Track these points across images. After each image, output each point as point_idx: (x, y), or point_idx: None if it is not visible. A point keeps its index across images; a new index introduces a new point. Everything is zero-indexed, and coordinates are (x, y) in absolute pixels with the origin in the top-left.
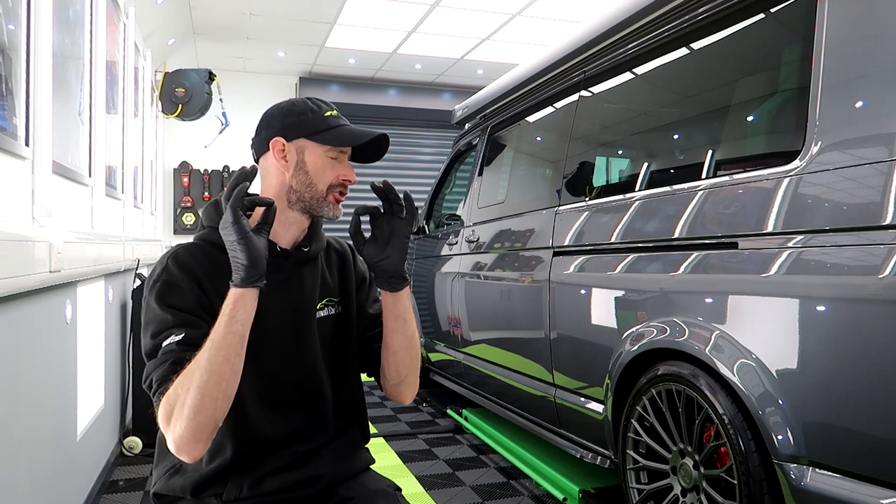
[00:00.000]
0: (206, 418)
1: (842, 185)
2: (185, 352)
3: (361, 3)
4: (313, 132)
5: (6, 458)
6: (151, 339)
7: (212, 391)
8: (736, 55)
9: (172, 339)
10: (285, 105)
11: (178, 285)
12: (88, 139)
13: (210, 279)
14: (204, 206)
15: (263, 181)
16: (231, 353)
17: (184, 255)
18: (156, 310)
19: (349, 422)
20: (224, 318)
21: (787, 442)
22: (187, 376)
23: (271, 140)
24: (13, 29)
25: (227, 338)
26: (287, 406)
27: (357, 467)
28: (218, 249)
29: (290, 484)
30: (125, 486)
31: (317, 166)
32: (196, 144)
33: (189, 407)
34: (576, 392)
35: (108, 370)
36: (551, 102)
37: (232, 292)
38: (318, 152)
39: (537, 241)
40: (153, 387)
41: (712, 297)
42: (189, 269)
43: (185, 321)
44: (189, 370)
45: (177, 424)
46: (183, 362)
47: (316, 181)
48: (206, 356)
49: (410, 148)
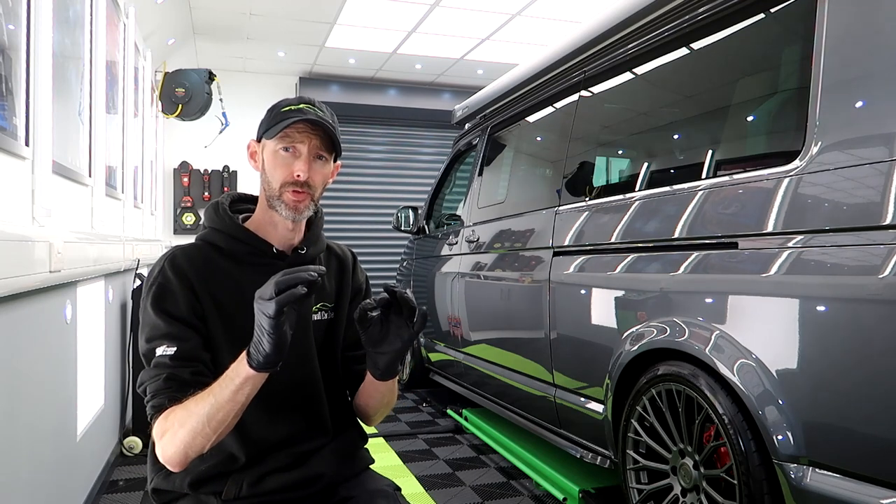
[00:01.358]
0: (194, 451)
1: (842, 185)
2: (178, 367)
3: (361, 3)
4: (266, 129)
5: (6, 458)
6: (146, 342)
7: (205, 435)
8: (736, 55)
9: (164, 350)
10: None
11: (171, 290)
12: (88, 139)
13: (205, 283)
14: (205, 207)
15: (260, 185)
16: (230, 414)
17: (180, 259)
18: (150, 314)
19: (347, 422)
20: (231, 385)
21: (787, 442)
22: (184, 415)
23: (250, 143)
24: (13, 29)
25: (229, 404)
26: (285, 407)
27: (357, 467)
28: (216, 251)
29: (289, 483)
30: (125, 485)
31: (269, 163)
32: (196, 144)
33: (181, 440)
34: (576, 392)
35: (108, 370)
36: (551, 102)
37: (244, 370)
38: (271, 148)
39: (537, 241)
40: (146, 397)
41: (712, 297)
42: (184, 273)
43: (176, 333)
44: (188, 412)
45: (168, 446)
46: (175, 378)
47: (271, 179)
48: (205, 410)
49: (410, 148)
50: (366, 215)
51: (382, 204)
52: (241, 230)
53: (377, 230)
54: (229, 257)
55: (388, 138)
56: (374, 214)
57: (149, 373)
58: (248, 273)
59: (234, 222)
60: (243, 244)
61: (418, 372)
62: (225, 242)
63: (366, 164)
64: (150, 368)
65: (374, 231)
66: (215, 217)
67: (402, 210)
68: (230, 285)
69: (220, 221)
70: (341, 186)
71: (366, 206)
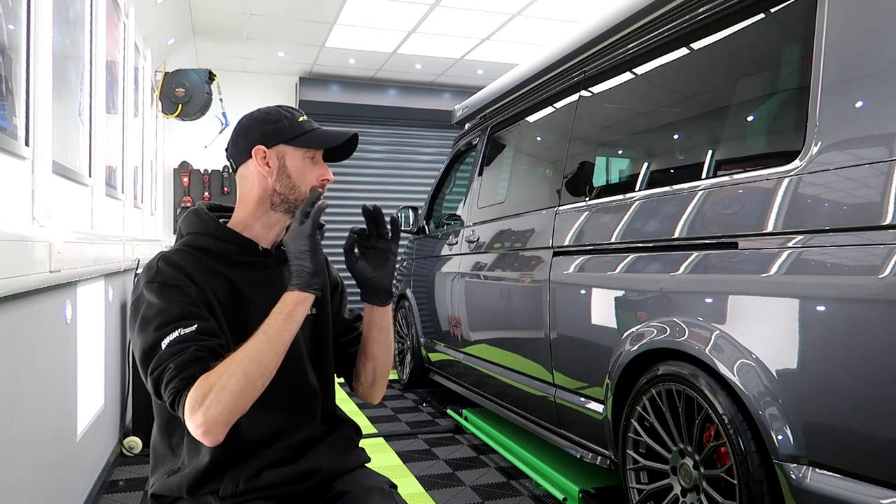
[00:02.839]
0: (244, 404)
1: (842, 185)
2: (205, 340)
3: (361, 3)
4: (291, 137)
5: (6, 458)
6: (156, 331)
7: (256, 380)
8: (736, 55)
9: (184, 330)
10: (258, 115)
11: (175, 283)
12: (88, 139)
13: (203, 278)
14: (182, 216)
15: (242, 188)
16: (281, 348)
17: (173, 257)
18: (158, 304)
19: (339, 416)
20: (282, 315)
21: (787, 442)
22: (232, 363)
23: (253, 149)
24: (13, 29)
25: (282, 334)
26: (276, 398)
27: (352, 463)
28: (204, 253)
29: (286, 478)
30: (125, 486)
31: (297, 169)
32: (196, 144)
33: (231, 391)
34: (576, 392)
35: (108, 370)
36: (551, 102)
37: (294, 294)
38: (297, 156)
39: (537, 241)
40: (169, 374)
41: (712, 297)
42: (182, 268)
43: (192, 314)
44: (235, 358)
45: (212, 406)
46: (205, 348)
47: (298, 183)
48: (256, 347)
49: (410, 148)
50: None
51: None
52: (227, 231)
53: None
54: (218, 258)
55: (388, 138)
56: None
57: (169, 350)
58: (238, 272)
59: (219, 224)
60: (231, 244)
61: (418, 372)
62: (213, 244)
63: (366, 164)
64: (170, 347)
65: None
66: (198, 221)
67: (402, 210)
68: (224, 284)
69: (205, 225)
70: (341, 186)
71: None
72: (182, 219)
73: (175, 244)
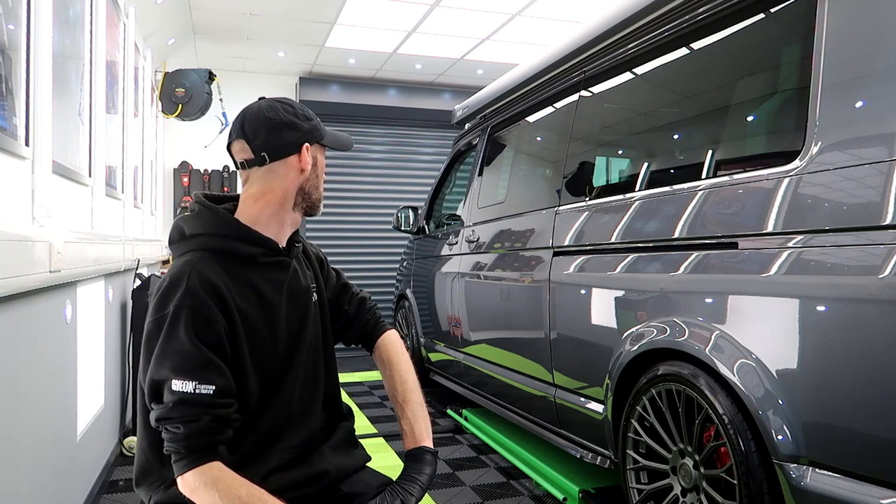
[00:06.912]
0: None
1: (842, 185)
2: (220, 407)
3: (361, 3)
4: (321, 137)
5: (6, 459)
6: (172, 371)
7: None
8: (736, 55)
9: (200, 388)
10: (288, 108)
11: (206, 314)
12: (88, 139)
13: (234, 298)
14: (193, 213)
15: (266, 183)
16: None
17: (207, 273)
18: (181, 340)
19: (339, 415)
20: None
21: (787, 442)
22: (228, 494)
23: (303, 144)
24: (13, 29)
25: None
26: (293, 394)
27: (356, 463)
28: (229, 258)
29: (295, 481)
30: (125, 486)
31: (322, 168)
32: (196, 144)
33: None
34: (576, 392)
35: (108, 370)
36: (551, 102)
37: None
38: (322, 155)
39: (537, 241)
40: (182, 435)
41: (712, 297)
42: (216, 288)
43: (214, 365)
44: (232, 494)
45: (206, 496)
46: (219, 419)
47: (321, 183)
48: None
49: (410, 148)
50: (366, 215)
51: (382, 204)
52: (254, 234)
53: (377, 230)
54: (245, 262)
55: (388, 138)
56: (374, 214)
57: (180, 410)
58: (260, 274)
59: (243, 226)
60: (259, 247)
61: (418, 372)
62: (242, 248)
63: (366, 164)
64: (181, 400)
65: (374, 231)
66: (219, 223)
67: (402, 210)
68: (250, 293)
69: (229, 227)
70: (341, 186)
71: (366, 206)
72: (194, 217)
73: (197, 243)
